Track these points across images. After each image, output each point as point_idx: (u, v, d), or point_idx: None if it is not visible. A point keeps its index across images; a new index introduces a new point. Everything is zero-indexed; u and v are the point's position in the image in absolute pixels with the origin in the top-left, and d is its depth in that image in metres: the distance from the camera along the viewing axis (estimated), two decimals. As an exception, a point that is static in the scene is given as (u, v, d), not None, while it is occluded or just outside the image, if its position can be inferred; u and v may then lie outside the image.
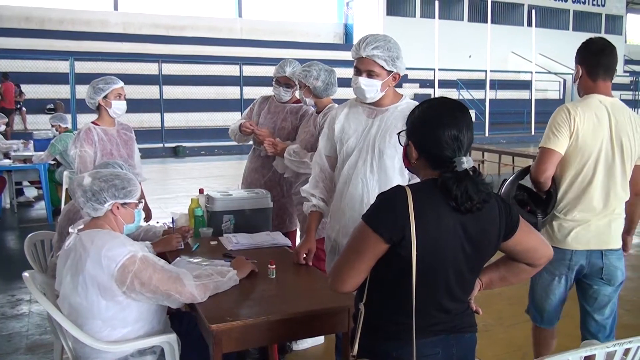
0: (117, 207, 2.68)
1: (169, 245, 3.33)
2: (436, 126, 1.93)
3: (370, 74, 2.85)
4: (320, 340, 4.24)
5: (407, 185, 1.92)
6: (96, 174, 2.69)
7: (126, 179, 2.72)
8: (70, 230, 2.69)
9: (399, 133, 2.07)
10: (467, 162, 1.87)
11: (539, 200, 3.05)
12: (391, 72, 2.87)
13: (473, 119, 2.05)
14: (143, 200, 2.88)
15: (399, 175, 2.92)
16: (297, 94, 4.22)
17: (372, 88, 2.88)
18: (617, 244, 3.02)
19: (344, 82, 3.01)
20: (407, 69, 2.97)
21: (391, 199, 1.91)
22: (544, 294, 3.14)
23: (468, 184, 1.84)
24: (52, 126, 8.82)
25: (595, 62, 2.95)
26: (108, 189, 2.63)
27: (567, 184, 2.97)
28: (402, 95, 3.04)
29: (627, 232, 3.12)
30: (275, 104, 4.40)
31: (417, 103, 2.96)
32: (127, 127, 4.39)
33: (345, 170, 3.05)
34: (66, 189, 8.06)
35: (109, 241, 2.52)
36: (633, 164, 2.98)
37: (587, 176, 2.93)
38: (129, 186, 2.71)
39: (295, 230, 4.44)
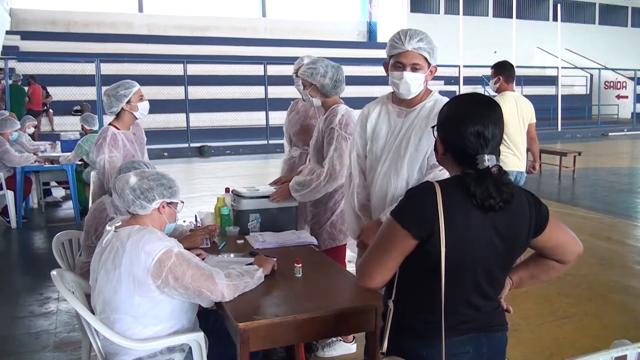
0: (163, 206, 2.72)
1: (194, 242, 3.33)
2: (459, 122, 1.90)
3: (415, 67, 2.81)
4: (351, 349, 4.09)
5: (436, 181, 1.89)
6: (142, 174, 2.73)
7: (171, 179, 2.78)
8: (107, 227, 2.72)
9: (433, 127, 2.04)
10: (489, 160, 1.84)
11: None
12: (429, 65, 2.85)
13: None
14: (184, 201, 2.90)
15: (417, 173, 2.90)
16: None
17: (417, 82, 2.83)
18: (523, 168, 5.76)
19: (368, 80, 2.98)
20: (431, 65, 2.95)
21: (420, 194, 1.88)
22: None
23: (489, 183, 1.81)
24: (82, 127, 8.96)
25: (507, 74, 5.83)
26: (157, 187, 2.68)
27: (509, 137, 5.56)
28: (432, 91, 3.00)
29: (535, 160, 6.13)
30: (303, 103, 4.34)
31: (445, 98, 2.96)
32: (139, 126, 4.35)
33: (375, 170, 3.04)
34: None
35: (146, 235, 2.55)
36: (526, 126, 5.78)
37: (513, 133, 5.60)
38: (174, 186, 2.76)
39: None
